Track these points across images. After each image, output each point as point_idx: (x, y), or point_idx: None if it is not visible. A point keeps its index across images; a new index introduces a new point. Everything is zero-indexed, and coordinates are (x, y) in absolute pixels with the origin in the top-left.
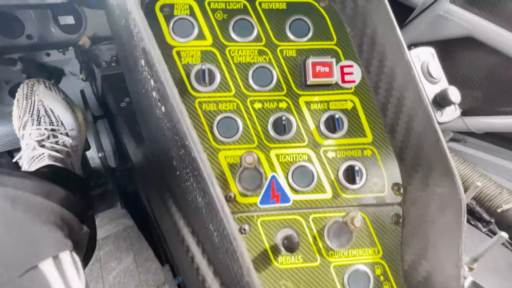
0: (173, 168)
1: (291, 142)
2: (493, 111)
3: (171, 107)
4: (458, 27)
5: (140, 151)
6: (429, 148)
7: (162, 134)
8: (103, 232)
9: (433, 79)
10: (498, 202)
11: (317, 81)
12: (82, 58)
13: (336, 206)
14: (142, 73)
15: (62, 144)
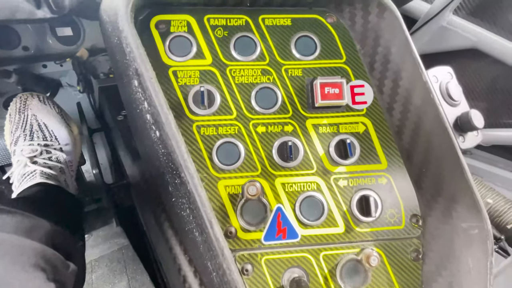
0: (169, 193)
1: (298, 169)
2: (500, 124)
3: (165, 134)
4: (462, 38)
5: (136, 167)
6: (451, 178)
7: (157, 158)
8: (97, 253)
9: (453, 101)
10: (508, 218)
11: (326, 103)
12: (80, 69)
13: (349, 241)
14: (136, 93)
15: (55, 160)
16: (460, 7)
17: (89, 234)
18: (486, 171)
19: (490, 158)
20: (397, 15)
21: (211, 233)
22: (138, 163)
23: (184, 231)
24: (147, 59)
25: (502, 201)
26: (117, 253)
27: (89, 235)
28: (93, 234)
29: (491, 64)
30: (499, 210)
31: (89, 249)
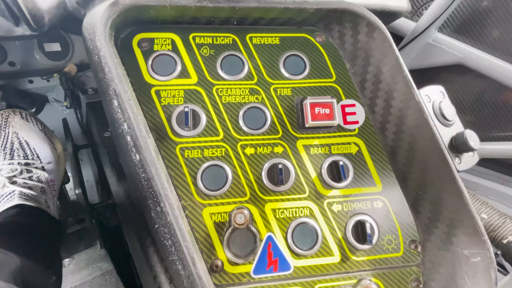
0: (152, 218)
1: (290, 193)
2: (488, 137)
3: (144, 159)
4: (447, 54)
5: (122, 186)
6: (450, 201)
7: (139, 181)
8: (78, 279)
9: (447, 121)
10: (503, 233)
11: (317, 124)
12: (67, 85)
13: (346, 271)
14: (116, 113)
15: (36, 180)
16: (445, 25)
17: (70, 258)
18: (478, 184)
19: (481, 171)
20: (386, 35)
21: (193, 271)
22: (124, 182)
23: (168, 261)
24: (127, 79)
25: (496, 215)
26: (100, 278)
27: (71, 259)
28: (75, 258)
29: (477, 79)
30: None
31: (70, 275)
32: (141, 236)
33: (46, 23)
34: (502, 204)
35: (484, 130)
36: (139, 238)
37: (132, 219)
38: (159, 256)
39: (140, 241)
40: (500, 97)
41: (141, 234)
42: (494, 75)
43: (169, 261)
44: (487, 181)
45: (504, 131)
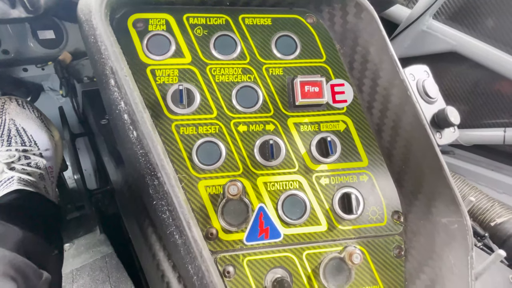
0: (149, 195)
1: (280, 168)
2: (480, 124)
3: (141, 133)
4: (441, 42)
5: (120, 172)
6: (431, 174)
7: (137, 159)
8: (79, 262)
9: (430, 99)
10: (491, 216)
11: (306, 102)
12: (62, 73)
13: (332, 239)
14: (113, 93)
15: (34, 166)
16: (440, 12)
17: (71, 242)
18: (468, 171)
19: (472, 158)
20: (374, 16)
21: (189, 235)
22: (122, 168)
23: (166, 235)
24: (122, 57)
25: (484, 199)
26: (100, 261)
27: (71, 243)
28: (75, 243)
29: (471, 69)
30: (482, 208)
31: (71, 258)
32: (140, 218)
33: (42, 6)
34: (491, 189)
35: (477, 118)
36: (137, 221)
37: (131, 203)
38: (157, 235)
39: (139, 223)
40: (493, 86)
41: (140, 216)
42: (487, 63)
43: (167, 237)
44: (478, 167)
45: (496, 118)
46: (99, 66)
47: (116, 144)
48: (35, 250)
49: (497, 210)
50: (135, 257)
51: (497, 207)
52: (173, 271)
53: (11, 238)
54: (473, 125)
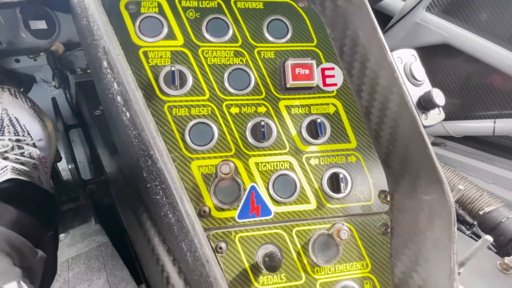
0: (144, 179)
1: (272, 149)
2: (471, 116)
3: (134, 112)
4: (434, 34)
5: (114, 162)
6: (416, 154)
7: (130, 143)
8: (74, 251)
9: (417, 81)
10: (480, 205)
11: (297, 84)
12: (55, 64)
13: (321, 217)
14: (106, 75)
15: (28, 156)
16: (433, 4)
17: (66, 233)
18: (459, 162)
19: (463, 150)
20: (364, 0)
21: (182, 210)
22: (116, 158)
23: (160, 219)
24: (115, 37)
25: (474, 189)
26: (96, 250)
27: (66, 233)
28: (70, 233)
29: (464, 63)
30: (471, 198)
31: (66, 247)
32: (135, 206)
33: None
34: (481, 180)
35: (469, 110)
36: (132, 209)
37: (125, 192)
38: (152, 221)
39: (134, 210)
40: (485, 79)
41: (135, 204)
42: (479, 55)
43: (161, 220)
44: (468, 158)
45: (487, 110)
46: (92, 51)
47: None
48: (29, 231)
49: (486, 199)
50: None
51: (486, 196)
52: (168, 254)
53: (6, 218)
54: (464, 117)
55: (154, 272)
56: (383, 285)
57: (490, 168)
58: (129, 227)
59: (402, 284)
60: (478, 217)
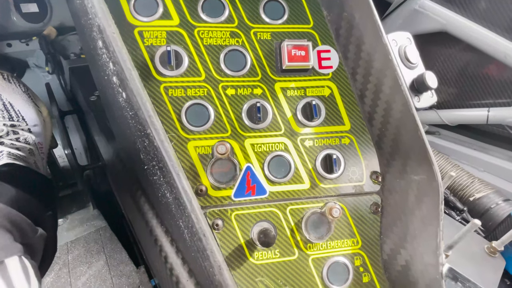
0: (141, 162)
1: (267, 130)
2: (465, 104)
3: (130, 91)
4: (432, 21)
5: (111, 147)
6: (407, 135)
7: (127, 125)
8: (73, 235)
9: (411, 64)
10: (471, 191)
11: (293, 66)
12: (48, 49)
13: (314, 196)
14: (101, 56)
15: (23, 141)
16: None
17: (64, 218)
18: (452, 150)
19: (456, 138)
20: None
21: (179, 186)
22: (113, 144)
23: (158, 201)
24: (109, 15)
25: (465, 176)
26: (94, 234)
27: (65, 218)
28: (68, 218)
29: (462, 52)
30: (463, 184)
31: (65, 232)
32: (132, 190)
33: None
34: (473, 168)
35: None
36: (130, 193)
37: (123, 177)
38: (150, 203)
39: (132, 195)
40: (482, 68)
41: (132, 188)
42: (476, 43)
43: (158, 202)
44: (461, 147)
45: (481, 99)
46: (87, 31)
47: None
48: (29, 209)
49: (477, 186)
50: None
51: (476, 183)
52: (166, 235)
53: (5, 196)
54: (459, 106)
55: (152, 253)
56: (372, 261)
57: (482, 156)
58: (127, 211)
59: (391, 260)
60: (468, 203)
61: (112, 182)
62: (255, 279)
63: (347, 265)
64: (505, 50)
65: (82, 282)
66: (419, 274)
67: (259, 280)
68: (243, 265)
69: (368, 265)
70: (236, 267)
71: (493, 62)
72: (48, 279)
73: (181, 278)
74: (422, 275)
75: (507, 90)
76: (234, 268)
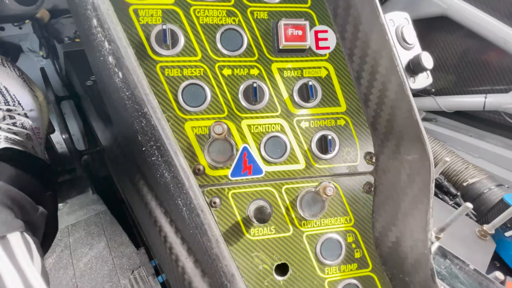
0: (139, 143)
1: (264, 111)
2: (463, 91)
3: (127, 70)
4: (433, 5)
5: (109, 132)
6: (401, 116)
7: (124, 107)
8: (73, 219)
9: (407, 45)
10: (464, 177)
11: (289, 45)
12: (42, 33)
13: (309, 176)
14: (96, 36)
15: (20, 126)
16: None
17: (64, 202)
18: (449, 137)
19: (453, 125)
20: None
21: (177, 164)
22: (110, 128)
23: (157, 182)
24: None
25: (460, 162)
26: (95, 217)
27: (65, 203)
28: (68, 203)
29: (462, 38)
30: (457, 170)
31: (65, 215)
32: (131, 173)
33: None
34: (468, 154)
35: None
36: (129, 176)
37: (121, 161)
38: (149, 186)
39: (130, 178)
40: (481, 55)
41: (131, 171)
42: (476, 28)
43: (157, 183)
44: (457, 133)
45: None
46: (81, 10)
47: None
48: (29, 188)
49: (471, 172)
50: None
51: (471, 169)
52: (165, 216)
53: (5, 175)
54: (457, 92)
55: (152, 234)
56: (364, 237)
57: (477, 142)
58: (126, 195)
59: (382, 237)
60: (462, 188)
61: (110, 167)
62: (251, 254)
63: (340, 242)
64: (505, 37)
65: (84, 263)
66: (409, 249)
67: (255, 255)
68: (239, 241)
69: (360, 242)
70: (233, 243)
71: (492, 49)
72: (50, 260)
73: (181, 256)
74: (411, 250)
75: (505, 77)
76: (231, 244)
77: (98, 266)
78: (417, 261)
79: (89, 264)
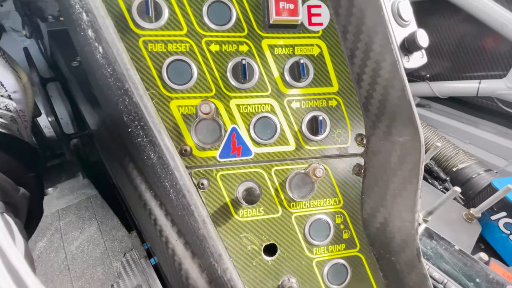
0: (125, 125)
1: (253, 91)
2: (458, 77)
3: (106, 42)
4: None
5: (97, 115)
6: (394, 96)
7: (108, 85)
8: (64, 203)
9: (403, 22)
10: (454, 162)
11: (280, 20)
12: (24, 10)
13: (299, 158)
14: (75, 7)
15: (4, 108)
16: None
17: (54, 187)
18: (441, 123)
19: (446, 111)
20: None
21: (161, 144)
22: (98, 110)
23: (145, 165)
24: None
25: (450, 147)
26: (85, 202)
27: (54, 188)
28: (58, 187)
29: (459, 23)
30: (447, 155)
31: (55, 200)
32: (120, 157)
33: None
34: (459, 140)
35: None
36: (119, 160)
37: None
38: (138, 169)
39: (120, 162)
40: (478, 42)
41: (120, 155)
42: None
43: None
44: (450, 120)
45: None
46: None
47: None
48: (9, 168)
49: (461, 157)
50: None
51: (461, 154)
52: (155, 199)
53: None
54: (452, 78)
55: (143, 218)
56: (353, 218)
57: (468, 128)
58: (116, 179)
59: (370, 218)
60: (452, 173)
61: (100, 151)
62: (240, 235)
63: (328, 223)
64: (502, 20)
65: (75, 246)
66: (396, 230)
67: (243, 235)
68: (228, 222)
69: (348, 223)
70: (221, 224)
71: (489, 35)
72: (40, 244)
73: (171, 239)
74: (399, 231)
75: (500, 63)
76: (219, 225)
77: (89, 249)
78: (404, 241)
79: (81, 247)
